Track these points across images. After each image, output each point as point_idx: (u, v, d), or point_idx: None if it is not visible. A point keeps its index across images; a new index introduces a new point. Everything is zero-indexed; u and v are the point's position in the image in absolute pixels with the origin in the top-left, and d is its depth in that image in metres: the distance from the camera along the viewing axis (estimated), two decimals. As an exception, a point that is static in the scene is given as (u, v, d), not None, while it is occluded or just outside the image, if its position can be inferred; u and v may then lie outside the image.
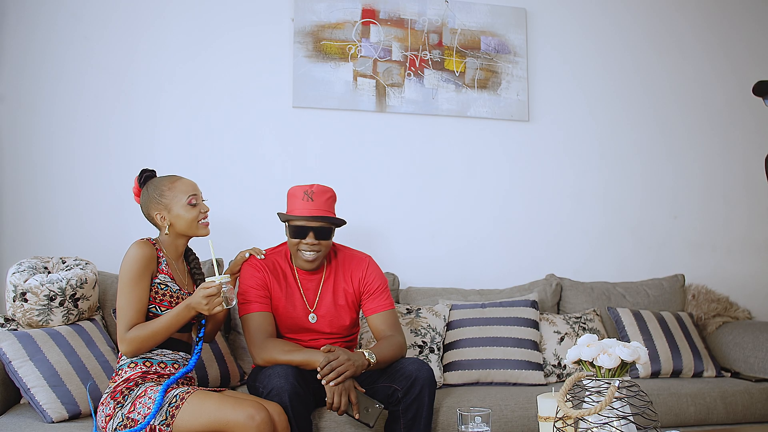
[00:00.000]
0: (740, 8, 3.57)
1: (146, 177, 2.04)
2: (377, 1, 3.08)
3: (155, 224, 2.01)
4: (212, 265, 1.94)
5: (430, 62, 3.11)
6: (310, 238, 2.12)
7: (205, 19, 2.92)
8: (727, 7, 3.55)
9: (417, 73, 3.09)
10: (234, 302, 1.87)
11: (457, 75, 3.13)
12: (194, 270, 2.09)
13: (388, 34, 3.08)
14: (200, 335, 1.97)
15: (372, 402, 1.97)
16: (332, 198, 2.19)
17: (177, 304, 1.93)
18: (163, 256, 1.96)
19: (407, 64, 3.09)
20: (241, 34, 2.95)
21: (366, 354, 2.02)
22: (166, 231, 1.98)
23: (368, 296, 2.24)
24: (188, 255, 2.10)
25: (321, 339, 2.22)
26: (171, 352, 1.94)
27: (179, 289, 1.96)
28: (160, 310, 1.91)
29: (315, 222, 2.12)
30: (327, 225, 2.14)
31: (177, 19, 2.89)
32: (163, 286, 1.93)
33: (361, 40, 3.05)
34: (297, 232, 2.13)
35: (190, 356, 2.00)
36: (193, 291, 2.05)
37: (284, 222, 2.19)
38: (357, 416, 1.94)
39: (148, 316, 1.90)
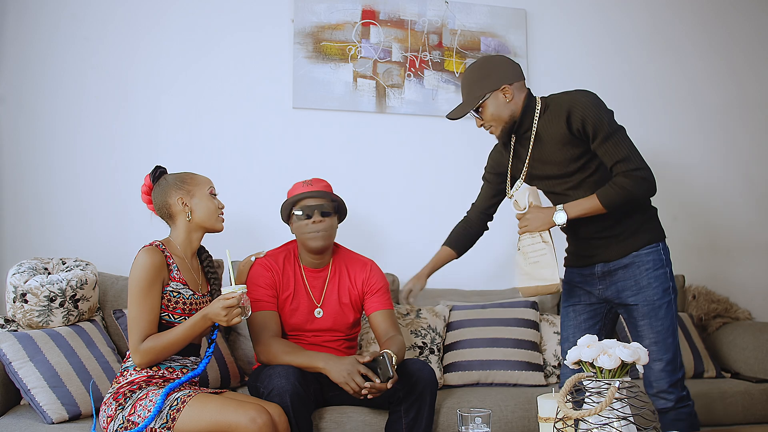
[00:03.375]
0: (735, 11, 3.58)
1: (160, 173, 2.03)
2: (377, 2, 3.08)
3: (172, 214, 1.96)
4: (229, 275, 1.88)
5: (430, 63, 3.11)
6: (315, 216, 2.16)
7: (205, 21, 2.92)
8: (722, 10, 3.56)
9: (417, 74, 3.09)
10: (250, 312, 1.85)
11: (457, 76, 3.13)
12: (207, 268, 2.05)
13: (388, 35, 3.08)
14: (213, 337, 1.95)
15: (377, 363, 1.96)
16: (330, 187, 2.29)
17: (190, 310, 1.91)
18: (173, 263, 1.91)
19: (407, 65, 3.09)
20: (241, 35, 2.95)
21: None
22: (188, 217, 1.94)
23: (371, 296, 2.27)
24: (201, 253, 2.06)
25: (324, 336, 2.23)
26: (181, 357, 1.91)
27: (193, 294, 1.93)
28: (173, 317, 1.88)
29: (318, 199, 2.18)
30: (329, 201, 2.20)
31: (177, 21, 2.89)
32: (175, 294, 1.89)
33: (361, 41, 3.05)
34: (303, 212, 2.17)
35: (199, 360, 1.97)
36: (207, 290, 2.02)
37: (288, 213, 2.23)
38: (378, 382, 1.93)
39: (161, 323, 1.87)
